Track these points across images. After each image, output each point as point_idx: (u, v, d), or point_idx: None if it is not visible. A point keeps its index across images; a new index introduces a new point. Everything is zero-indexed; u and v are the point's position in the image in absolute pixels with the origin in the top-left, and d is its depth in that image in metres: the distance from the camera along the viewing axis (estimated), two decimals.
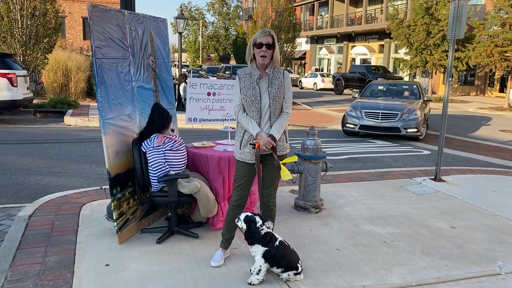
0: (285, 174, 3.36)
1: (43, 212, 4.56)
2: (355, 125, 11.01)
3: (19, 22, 14.86)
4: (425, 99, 11.92)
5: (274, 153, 3.32)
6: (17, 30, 14.90)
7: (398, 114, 10.58)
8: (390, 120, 10.60)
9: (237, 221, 3.28)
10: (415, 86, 12.67)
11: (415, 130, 10.51)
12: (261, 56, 3.24)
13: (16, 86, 11.08)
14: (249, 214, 3.26)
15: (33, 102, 13.41)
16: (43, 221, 4.31)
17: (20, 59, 14.93)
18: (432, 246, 3.99)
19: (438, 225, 4.53)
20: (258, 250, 3.18)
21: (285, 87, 3.37)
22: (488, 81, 26.72)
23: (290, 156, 3.56)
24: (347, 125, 11.27)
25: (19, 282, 3.15)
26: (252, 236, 3.18)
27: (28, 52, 15.27)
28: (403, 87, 12.94)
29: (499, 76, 24.66)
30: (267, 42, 3.22)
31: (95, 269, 3.37)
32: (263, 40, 3.22)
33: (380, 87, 13.27)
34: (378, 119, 10.72)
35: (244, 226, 3.23)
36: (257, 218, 3.24)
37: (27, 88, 12.06)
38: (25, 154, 7.73)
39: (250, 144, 3.33)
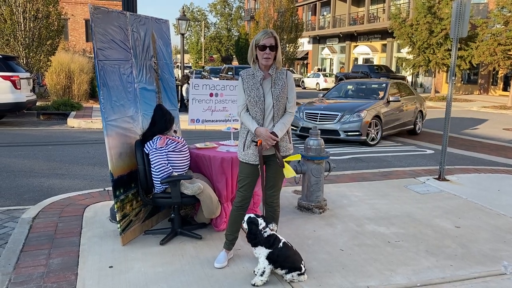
0: (289, 172, 3.35)
1: (47, 214, 4.57)
2: (297, 127, 10.13)
3: (22, 25, 14.90)
4: (390, 100, 10.39)
5: (277, 151, 3.31)
6: (20, 33, 14.95)
7: (338, 115, 9.64)
8: (328, 122, 9.67)
9: (243, 223, 3.28)
10: (384, 85, 11.06)
11: (356, 133, 9.46)
12: (264, 58, 3.24)
13: (20, 89, 11.10)
14: (252, 216, 3.25)
15: (37, 104, 13.44)
16: (47, 223, 4.32)
17: (23, 62, 14.98)
18: (437, 246, 3.97)
19: (443, 224, 4.51)
20: (262, 252, 3.17)
21: (288, 87, 3.37)
22: (491, 80, 26.63)
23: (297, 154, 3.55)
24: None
25: (23, 284, 3.15)
26: (254, 237, 3.17)
27: (31, 54, 15.32)
28: (372, 86, 11.51)
29: (502, 74, 24.60)
30: (270, 44, 3.21)
31: (99, 271, 3.36)
32: (266, 42, 3.21)
33: (349, 87, 11.99)
34: (317, 121, 9.84)
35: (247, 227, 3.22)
36: (260, 220, 3.23)
37: (30, 91, 12.09)
38: (29, 156, 7.75)
39: (253, 141, 3.32)
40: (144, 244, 3.87)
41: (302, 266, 3.24)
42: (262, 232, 3.19)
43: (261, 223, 3.22)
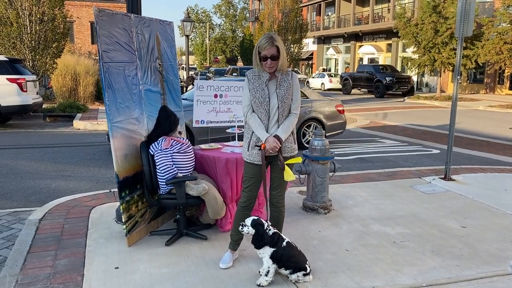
0: (288, 175, 3.35)
1: (53, 216, 4.60)
2: None
3: (28, 28, 15.02)
4: None
5: (279, 153, 3.31)
6: (26, 36, 15.06)
7: None
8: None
9: (242, 228, 3.24)
10: None
11: None
12: (267, 67, 3.25)
13: (26, 91, 11.18)
14: (255, 217, 3.25)
15: (43, 106, 13.53)
16: (53, 225, 4.35)
17: (29, 64, 15.09)
18: (443, 246, 3.95)
19: (449, 224, 4.49)
20: (266, 251, 3.17)
21: (293, 88, 3.37)
22: (497, 79, 26.45)
23: (298, 157, 3.55)
24: None
25: (29, 285, 3.17)
26: (262, 239, 3.17)
27: (37, 57, 15.43)
28: None
29: (508, 73, 24.45)
30: (271, 55, 3.20)
31: (105, 272, 3.38)
32: (267, 53, 3.19)
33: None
34: None
35: (251, 231, 3.20)
36: (263, 220, 3.24)
37: (37, 93, 12.17)
38: (35, 158, 7.80)
39: (256, 145, 3.33)
40: (150, 245, 3.88)
41: (307, 266, 3.24)
42: (267, 231, 3.20)
43: (265, 222, 3.22)
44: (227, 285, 3.20)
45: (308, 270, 3.23)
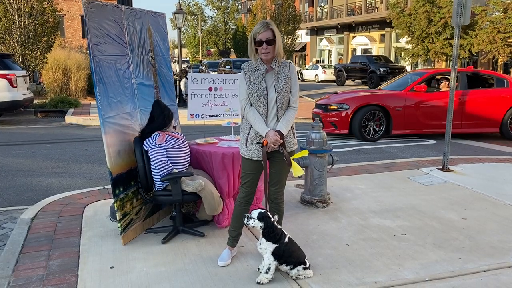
0: (297, 170, 3.26)
1: (46, 214, 4.48)
2: None
3: (17, 22, 14.75)
4: None
5: (283, 149, 3.20)
6: (15, 30, 14.80)
7: None
8: None
9: (247, 221, 3.14)
10: None
11: None
12: (263, 53, 3.14)
13: (16, 87, 11.00)
14: (262, 210, 3.15)
15: (34, 102, 13.32)
16: (46, 224, 4.24)
17: (19, 59, 14.84)
18: (444, 238, 3.89)
19: (449, 216, 4.43)
20: (268, 247, 3.08)
21: (292, 80, 3.25)
22: (491, 68, 26.46)
23: (298, 151, 3.46)
24: None
25: (22, 287, 3.07)
26: (272, 231, 3.07)
27: (27, 52, 15.17)
28: None
29: (502, 62, 24.45)
30: (267, 38, 3.09)
31: (100, 272, 3.29)
32: (263, 37, 3.09)
33: None
34: None
35: (256, 224, 3.11)
36: (269, 213, 3.15)
37: (27, 89, 11.98)
38: (27, 155, 7.65)
39: (258, 143, 3.22)
40: (146, 243, 3.79)
41: (306, 260, 3.17)
42: (275, 224, 3.11)
43: (271, 216, 3.13)
44: (226, 284, 3.11)
45: (307, 264, 3.16)
